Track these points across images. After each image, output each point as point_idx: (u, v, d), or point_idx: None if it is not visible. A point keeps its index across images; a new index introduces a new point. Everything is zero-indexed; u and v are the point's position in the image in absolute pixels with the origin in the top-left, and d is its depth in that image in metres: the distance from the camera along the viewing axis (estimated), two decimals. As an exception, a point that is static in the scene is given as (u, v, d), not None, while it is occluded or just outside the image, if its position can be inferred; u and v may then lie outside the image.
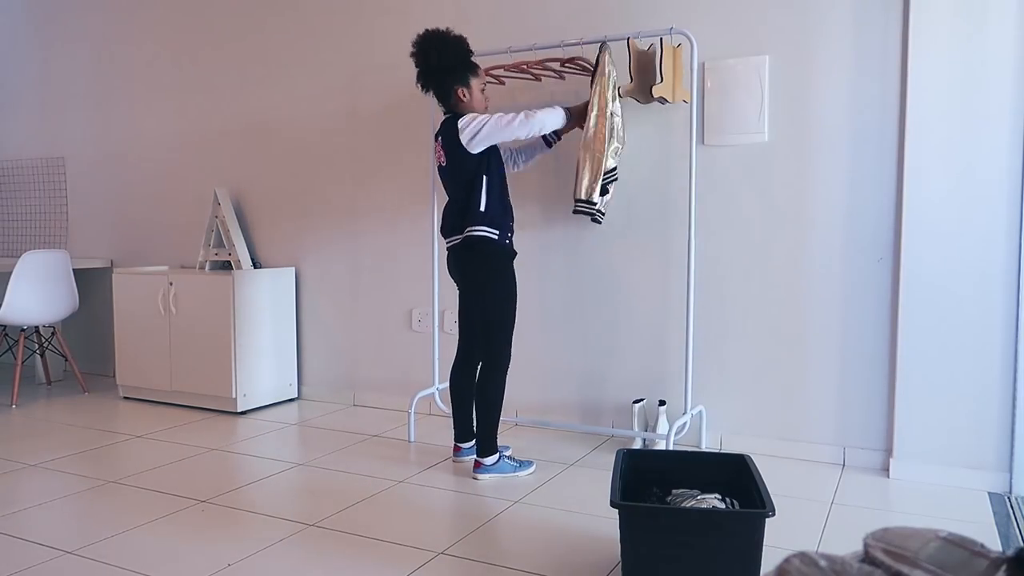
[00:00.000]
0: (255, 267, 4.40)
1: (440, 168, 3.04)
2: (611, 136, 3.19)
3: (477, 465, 3.01)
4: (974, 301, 2.84)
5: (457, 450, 3.22)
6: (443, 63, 2.96)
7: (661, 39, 3.11)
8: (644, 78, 3.19)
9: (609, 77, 3.17)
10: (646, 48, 3.19)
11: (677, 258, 3.39)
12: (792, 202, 3.19)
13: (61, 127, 5.21)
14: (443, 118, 3.05)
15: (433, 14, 3.88)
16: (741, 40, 3.23)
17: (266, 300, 4.18)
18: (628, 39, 3.16)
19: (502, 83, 3.60)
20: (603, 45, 3.22)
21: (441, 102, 3.04)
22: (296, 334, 4.39)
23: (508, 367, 3.02)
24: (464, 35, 3.00)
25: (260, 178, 4.47)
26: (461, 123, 2.93)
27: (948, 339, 2.89)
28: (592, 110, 3.17)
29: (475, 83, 3.01)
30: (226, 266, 4.45)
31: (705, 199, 3.33)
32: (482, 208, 2.94)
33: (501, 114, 2.92)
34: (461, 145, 2.91)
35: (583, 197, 3.21)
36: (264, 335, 4.17)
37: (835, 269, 3.13)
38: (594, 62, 3.24)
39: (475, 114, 2.96)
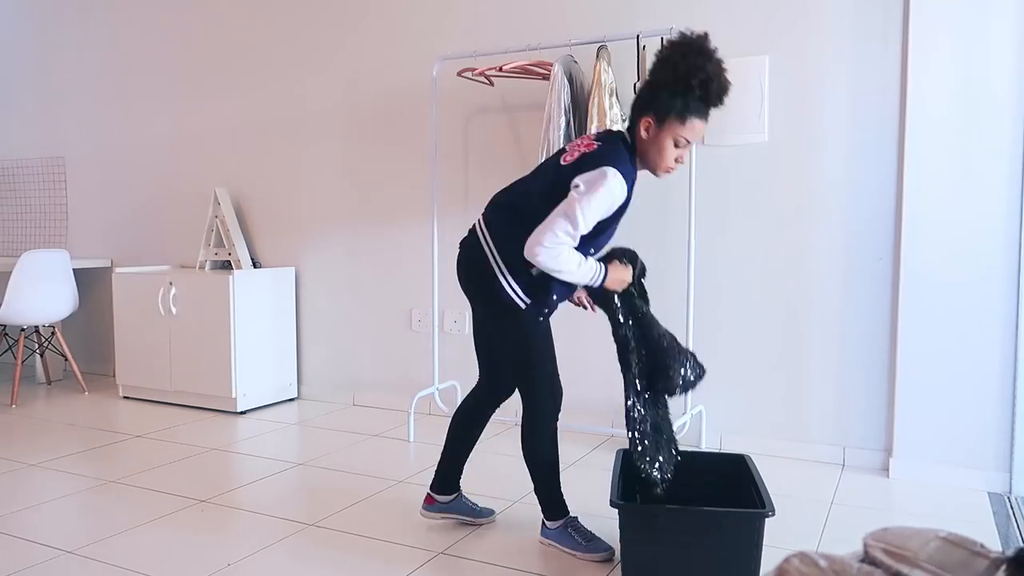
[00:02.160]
0: (255, 267, 4.40)
1: (555, 162, 2.21)
2: None
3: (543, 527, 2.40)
4: (974, 301, 2.84)
5: (430, 501, 2.53)
6: (675, 81, 2.09)
7: (661, 39, 3.11)
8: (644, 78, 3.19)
9: (605, 85, 3.17)
10: (642, 47, 3.19)
11: (677, 257, 3.39)
12: (792, 202, 3.19)
13: (61, 127, 5.21)
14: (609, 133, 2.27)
15: (433, 14, 3.88)
16: (741, 40, 3.23)
17: (266, 300, 4.18)
18: (637, 37, 3.15)
19: (491, 84, 3.60)
20: (599, 50, 3.22)
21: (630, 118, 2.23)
22: (296, 334, 4.38)
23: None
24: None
25: (260, 178, 4.47)
26: (593, 174, 2.09)
27: (948, 339, 2.89)
28: (592, 122, 3.17)
29: (673, 128, 2.11)
30: (226, 266, 4.45)
31: (705, 199, 3.33)
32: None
33: (569, 225, 2.09)
34: (567, 180, 2.13)
35: None
36: (264, 335, 4.17)
37: (835, 269, 3.13)
38: (592, 71, 3.24)
39: (608, 185, 2.09)
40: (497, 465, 3.16)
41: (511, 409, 3.80)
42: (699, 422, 3.36)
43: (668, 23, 3.33)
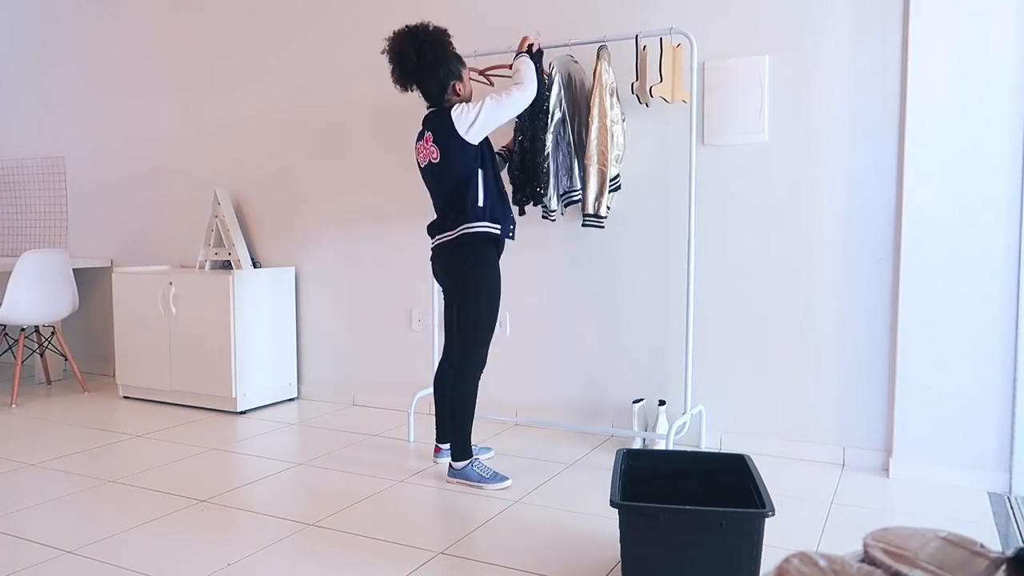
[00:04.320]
0: (255, 267, 4.40)
1: (430, 166, 2.89)
2: (612, 144, 3.21)
3: (450, 467, 3.00)
4: (974, 301, 2.84)
5: (438, 451, 3.21)
6: (439, 58, 2.84)
7: (661, 39, 3.12)
8: (643, 78, 3.19)
9: (606, 85, 3.18)
10: (642, 48, 3.20)
11: (677, 258, 3.39)
12: (792, 202, 3.19)
13: (61, 127, 5.21)
14: (427, 113, 2.94)
15: (432, 13, 3.88)
16: (741, 40, 3.23)
17: (266, 300, 4.18)
18: (636, 37, 3.15)
19: (491, 83, 3.59)
20: (599, 50, 3.22)
21: (430, 98, 2.91)
22: (296, 334, 4.39)
23: (482, 369, 2.96)
24: (447, 29, 2.91)
25: (260, 178, 4.47)
26: (455, 114, 2.81)
27: (948, 339, 2.89)
28: (592, 121, 3.17)
29: (465, 74, 2.93)
30: (226, 266, 4.45)
31: (705, 199, 3.33)
32: (480, 203, 2.84)
33: (492, 96, 2.83)
34: (458, 136, 2.80)
35: (591, 212, 3.23)
36: (264, 335, 4.17)
37: (835, 269, 3.13)
38: (592, 70, 3.25)
39: (465, 103, 2.85)
40: (497, 464, 3.16)
41: (510, 409, 3.81)
42: (699, 422, 3.36)
43: (668, 23, 3.33)
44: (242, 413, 4.07)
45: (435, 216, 2.95)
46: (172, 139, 4.77)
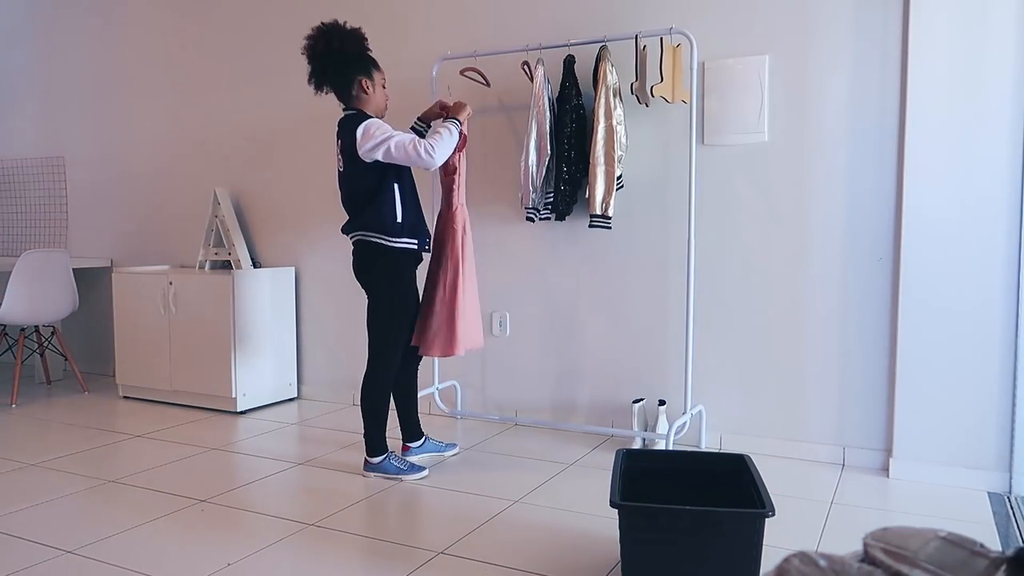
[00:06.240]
0: (255, 267, 4.40)
1: (339, 174, 2.92)
2: (617, 145, 3.21)
3: (367, 463, 3.03)
4: (974, 300, 2.84)
5: (405, 449, 3.22)
6: (347, 50, 2.88)
7: (661, 39, 3.12)
8: (643, 78, 3.19)
9: (611, 86, 3.18)
10: (642, 47, 3.20)
11: (677, 258, 3.39)
12: (792, 202, 3.19)
13: (61, 127, 5.21)
14: (343, 116, 2.92)
15: (432, 14, 3.88)
16: (741, 40, 3.23)
17: (266, 300, 4.18)
18: (636, 37, 3.15)
19: (488, 84, 3.60)
20: (601, 50, 3.22)
21: (341, 97, 2.93)
22: (296, 334, 4.38)
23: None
24: (371, 33, 2.98)
25: (260, 178, 4.47)
26: (360, 131, 2.77)
27: (948, 339, 2.89)
28: (599, 122, 3.17)
29: (377, 77, 2.95)
30: (226, 266, 4.45)
31: (705, 199, 3.33)
32: (399, 219, 2.86)
33: (407, 139, 2.77)
34: (357, 156, 2.79)
35: (599, 212, 3.23)
36: (264, 335, 4.17)
37: (835, 269, 3.13)
38: (592, 69, 3.25)
39: (376, 124, 2.80)
40: (497, 465, 3.16)
41: (510, 409, 3.81)
42: (699, 422, 3.36)
43: (668, 23, 3.33)
44: (242, 413, 4.07)
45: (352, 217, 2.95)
46: (172, 139, 4.77)
